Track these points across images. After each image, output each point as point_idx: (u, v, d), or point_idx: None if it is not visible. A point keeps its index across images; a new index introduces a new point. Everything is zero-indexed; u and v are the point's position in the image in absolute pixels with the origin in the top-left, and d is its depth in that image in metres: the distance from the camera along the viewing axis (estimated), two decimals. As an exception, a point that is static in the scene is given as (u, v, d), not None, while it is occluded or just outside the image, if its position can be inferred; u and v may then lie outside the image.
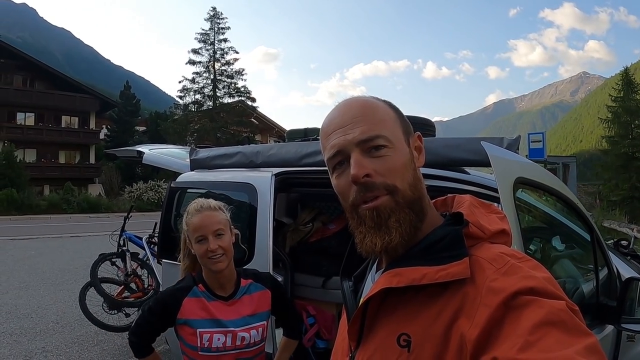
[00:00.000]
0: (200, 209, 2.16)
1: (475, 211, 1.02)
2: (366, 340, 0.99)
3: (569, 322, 0.75)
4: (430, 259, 0.92)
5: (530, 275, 0.83)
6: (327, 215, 4.32)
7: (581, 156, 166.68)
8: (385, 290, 0.93)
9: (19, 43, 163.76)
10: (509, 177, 2.21)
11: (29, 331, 6.51)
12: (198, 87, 43.27)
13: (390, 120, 1.01)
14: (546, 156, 14.80)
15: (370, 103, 1.03)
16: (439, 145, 2.81)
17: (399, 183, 0.95)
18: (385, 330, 0.95)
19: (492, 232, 0.98)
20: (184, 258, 2.32)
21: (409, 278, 0.91)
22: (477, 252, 0.92)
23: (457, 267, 0.88)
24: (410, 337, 0.89)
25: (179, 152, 5.29)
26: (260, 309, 2.28)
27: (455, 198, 1.11)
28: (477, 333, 0.79)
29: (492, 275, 0.85)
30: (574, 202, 2.98)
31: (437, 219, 1.04)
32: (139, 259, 6.68)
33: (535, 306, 0.77)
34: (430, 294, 0.90)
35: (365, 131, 0.97)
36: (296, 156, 3.40)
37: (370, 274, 1.13)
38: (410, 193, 0.96)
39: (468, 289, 0.86)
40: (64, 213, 28.82)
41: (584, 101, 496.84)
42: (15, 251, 13.42)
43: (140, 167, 41.24)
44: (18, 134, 38.51)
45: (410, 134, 1.05)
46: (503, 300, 0.79)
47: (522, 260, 0.89)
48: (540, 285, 0.80)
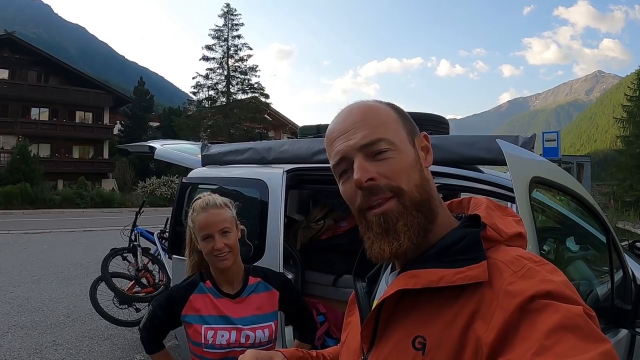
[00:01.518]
0: (206, 206, 2.14)
1: (492, 214, 1.01)
2: (380, 342, 0.98)
3: (585, 328, 0.74)
4: (447, 261, 0.90)
5: (547, 279, 0.82)
6: (339, 212, 4.30)
7: (595, 156, 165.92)
8: (401, 292, 0.92)
9: (33, 39, 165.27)
10: (525, 176, 2.18)
11: (39, 324, 6.57)
12: (212, 83, 43.61)
13: (392, 123, 1.00)
14: (560, 155, 14.72)
15: (371, 107, 1.02)
16: (453, 143, 2.78)
17: (404, 184, 0.94)
18: (400, 333, 0.93)
19: (508, 235, 0.97)
20: (191, 254, 2.30)
21: (426, 280, 0.89)
22: (494, 254, 0.91)
23: (475, 270, 0.87)
24: (425, 339, 0.88)
25: (191, 147, 5.29)
26: (267, 309, 2.25)
27: (471, 200, 1.10)
28: (493, 336, 0.78)
29: (509, 278, 0.84)
30: (590, 202, 2.94)
31: (451, 221, 1.02)
32: (150, 254, 6.71)
33: (551, 310, 0.76)
34: (447, 296, 0.88)
35: (367, 135, 0.96)
36: (308, 152, 3.38)
37: (384, 275, 1.11)
38: (417, 194, 0.95)
39: (485, 292, 0.84)
40: (77, 207, 29.03)
41: (599, 100, 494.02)
42: (28, 245, 13.55)
43: (154, 162, 41.46)
44: (32, 129, 38.80)
45: (416, 134, 1.03)
46: (520, 303, 0.78)
47: (540, 263, 0.88)
48: (557, 289, 0.79)
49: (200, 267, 2.29)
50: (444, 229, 0.98)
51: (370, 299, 1.11)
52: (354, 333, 1.11)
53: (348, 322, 1.23)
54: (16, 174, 28.90)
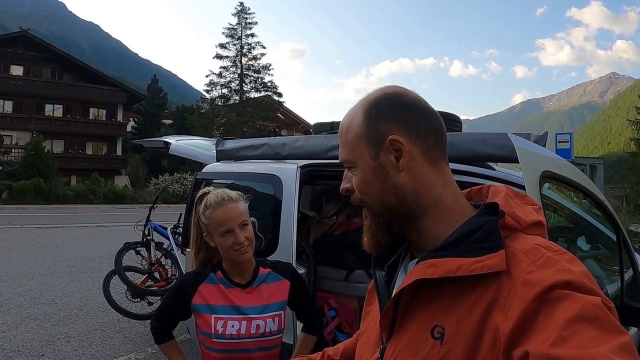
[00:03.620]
0: (222, 201, 2.10)
1: (510, 202, 1.00)
2: (398, 332, 0.99)
3: (603, 319, 0.74)
4: (465, 249, 0.90)
5: (566, 268, 0.82)
6: (352, 208, 4.31)
7: (609, 158, 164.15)
8: (420, 281, 0.92)
9: (47, 36, 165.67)
10: (536, 170, 2.19)
11: (52, 317, 6.62)
12: (225, 81, 43.78)
13: (354, 140, 1.04)
14: (573, 157, 14.64)
15: (344, 124, 1.08)
16: (465, 140, 2.78)
17: (366, 199, 1.04)
18: (419, 322, 0.94)
19: (527, 223, 0.97)
20: (199, 251, 2.26)
21: (444, 269, 0.89)
22: (512, 243, 0.91)
23: (493, 259, 0.86)
24: (444, 329, 0.88)
25: (205, 143, 5.32)
26: (277, 298, 2.23)
27: (490, 188, 1.10)
28: (510, 326, 0.78)
29: (527, 267, 0.84)
30: (600, 199, 2.94)
31: (467, 209, 1.02)
32: (163, 249, 6.73)
33: (570, 301, 0.76)
34: (465, 285, 0.89)
35: (339, 154, 1.08)
36: (322, 149, 3.40)
37: (403, 264, 1.11)
38: (377, 206, 1.03)
39: (503, 281, 0.85)
40: (90, 203, 29.15)
41: (613, 102, 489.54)
42: (42, 239, 13.61)
43: (167, 159, 41.57)
44: (46, 125, 39.02)
45: (380, 143, 1.01)
46: (538, 293, 0.78)
47: (559, 252, 0.88)
48: (576, 279, 0.79)
49: (210, 262, 2.27)
50: (457, 217, 0.99)
51: (390, 287, 1.11)
52: (374, 322, 1.12)
53: (368, 311, 1.22)
54: (30, 170, 29.04)
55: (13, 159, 32.83)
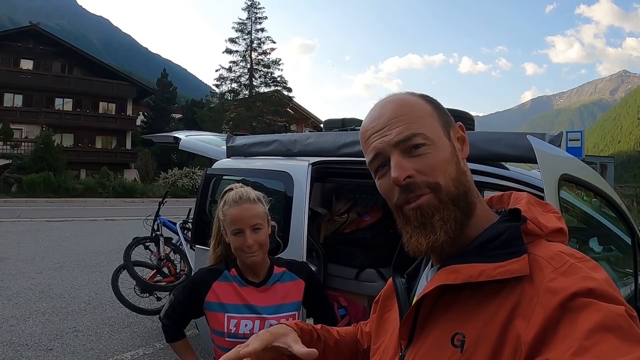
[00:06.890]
0: (239, 199, 2.06)
1: (532, 208, 0.98)
2: (418, 339, 0.97)
3: (626, 329, 0.72)
4: (487, 255, 0.89)
5: (589, 276, 0.80)
6: (363, 206, 4.29)
7: (619, 157, 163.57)
8: (442, 288, 0.91)
9: (57, 30, 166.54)
10: (555, 173, 2.16)
11: (61, 311, 6.64)
12: (234, 76, 43.91)
13: (426, 117, 0.98)
14: (584, 155, 14.55)
15: (406, 101, 1.01)
16: (480, 139, 2.75)
17: (441, 180, 0.93)
18: (439, 329, 0.92)
19: (549, 230, 0.95)
20: (217, 246, 2.24)
21: (466, 275, 0.88)
22: (534, 249, 0.89)
23: (515, 264, 0.85)
24: (464, 336, 0.86)
25: (215, 139, 5.31)
26: (292, 298, 2.20)
27: (512, 195, 1.08)
28: (532, 334, 0.77)
29: (550, 274, 0.82)
30: (617, 202, 2.91)
31: (491, 215, 1.01)
32: (172, 244, 6.73)
33: (592, 309, 0.74)
34: (487, 292, 0.87)
35: (402, 131, 0.95)
36: (334, 146, 3.39)
37: (424, 271, 1.10)
38: (454, 188, 0.94)
39: (525, 288, 0.83)
40: (100, 197, 29.33)
41: (624, 100, 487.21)
42: (51, 232, 13.69)
43: (176, 153, 41.70)
44: (56, 119, 39.29)
45: (451, 126, 1.02)
46: (561, 301, 0.77)
47: (582, 260, 0.86)
48: (599, 287, 0.77)
49: (225, 259, 2.24)
50: (483, 224, 0.97)
51: (410, 295, 1.09)
52: (391, 329, 1.11)
53: (385, 319, 1.20)
54: (40, 163, 29.23)
55: (23, 153, 33.13)
